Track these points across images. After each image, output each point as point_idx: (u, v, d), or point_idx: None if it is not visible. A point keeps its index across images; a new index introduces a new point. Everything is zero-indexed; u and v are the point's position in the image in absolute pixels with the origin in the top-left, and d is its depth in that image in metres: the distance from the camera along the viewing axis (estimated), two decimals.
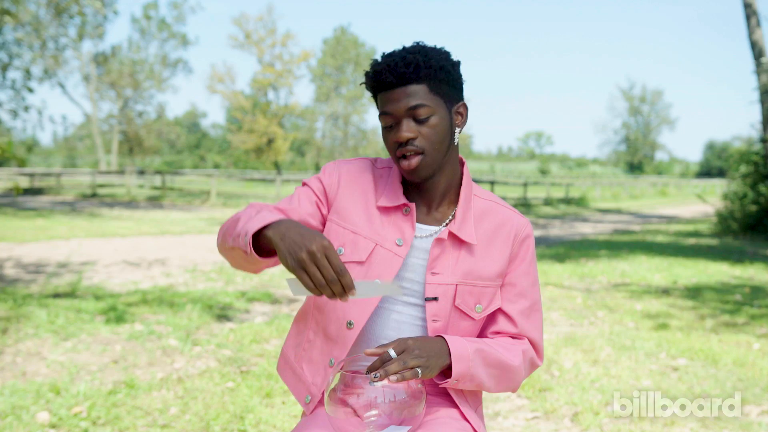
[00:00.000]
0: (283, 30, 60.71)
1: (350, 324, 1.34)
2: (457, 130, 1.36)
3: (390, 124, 1.32)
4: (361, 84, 1.37)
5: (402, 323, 1.35)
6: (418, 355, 1.23)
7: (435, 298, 1.34)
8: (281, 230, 1.16)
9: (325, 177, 1.41)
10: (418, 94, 1.29)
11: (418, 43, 1.34)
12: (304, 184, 1.42)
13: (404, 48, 1.33)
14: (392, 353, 1.22)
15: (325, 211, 1.40)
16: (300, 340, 1.45)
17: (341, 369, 1.26)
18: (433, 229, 1.38)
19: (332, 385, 1.24)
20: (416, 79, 1.28)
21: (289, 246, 1.13)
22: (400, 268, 1.34)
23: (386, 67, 1.29)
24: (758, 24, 12.32)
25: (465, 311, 1.36)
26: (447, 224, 1.38)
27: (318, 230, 1.36)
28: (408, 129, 1.29)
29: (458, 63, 1.35)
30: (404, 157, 1.31)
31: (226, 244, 1.29)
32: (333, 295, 1.11)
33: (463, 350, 1.28)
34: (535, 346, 1.43)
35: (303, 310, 1.47)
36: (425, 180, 1.34)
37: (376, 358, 1.28)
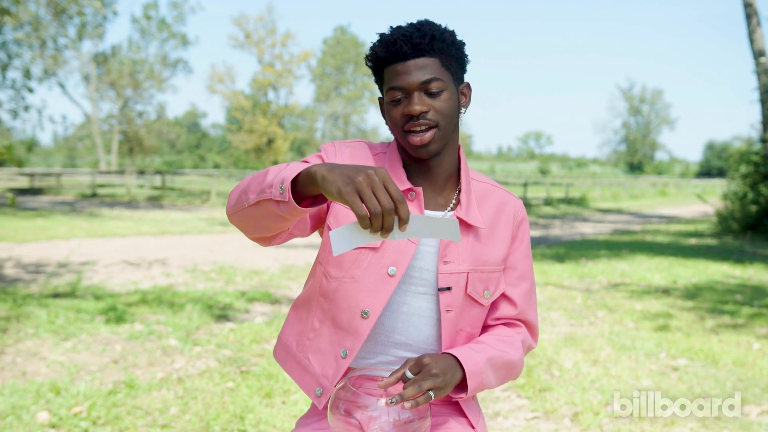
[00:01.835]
0: (283, 30, 60.74)
1: (365, 313, 1.30)
2: (462, 110, 1.36)
3: (399, 98, 1.28)
4: (366, 57, 1.33)
5: (412, 315, 1.33)
6: (434, 375, 1.20)
7: (448, 288, 1.32)
8: (328, 166, 1.06)
9: (328, 158, 1.35)
10: (430, 67, 1.27)
11: (426, 20, 1.32)
12: (304, 161, 1.33)
13: (412, 23, 1.30)
14: (409, 374, 1.21)
15: None
16: (303, 328, 1.40)
17: (349, 382, 1.24)
18: (439, 214, 1.35)
19: (336, 396, 1.22)
20: (430, 52, 1.27)
21: (342, 173, 1.03)
22: (412, 255, 1.31)
23: (401, 37, 1.26)
24: (758, 24, 12.32)
25: (475, 298, 1.35)
26: (452, 209, 1.36)
27: (323, 209, 1.34)
28: (421, 102, 1.26)
29: (464, 43, 1.34)
30: (413, 131, 1.27)
31: (243, 203, 1.20)
32: (382, 229, 1.01)
33: (476, 365, 1.27)
34: (532, 329, 1.44)
35: (305, 296, 1.42)
36: (432, 156, 1.30)
37: (387, 372, 1.27)
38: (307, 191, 1.10)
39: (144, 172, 26.09)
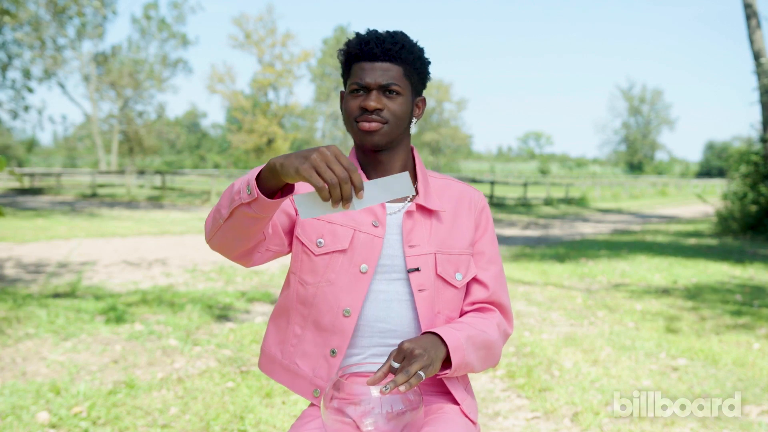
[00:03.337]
0: (283, 30, 60.70)
1: (347, 312, 1.36)
2: (414, 120, 1.44)
3: (359, 92, 1.37)
4: (339, 51, 1.41)
5: (390, 301, 1.38)
6: (418, 355, 1.23)
7: (417, 269, 1.38)
8: (283, 155, 1.16)
9: None
10: (393, 72, 1.37)
11: (401, 31, 1.41)
12: None
13: (388, 31, 1.40)
14: (394, 364, 1.24)
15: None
16: (284, 336, 1.45)
17: (340, 377, 1.25)
18: (399, 205, 1.44)
19: (328, 395, 1.23)
20: (397, 59, 1.37)
21: (297, 156, 1.12)
22: (380, 250, 1.38)
23: (375, 40, 1.36)
24: (758, 25, 12.32)
25: (447, 280, 1.40)
26: (412, 199, 1.44)
27: (294, 222, 1.41)
28: (377, 100, 1.35)
29: (430, 62, 1.45)
30: (364, 122, 1.36)
31: (219, 221, 1.27)
32: (341, 199, 1.09)
33: (457, 341, 1.31)
34: (506, 312, 1.49)
35: (282, 306, 1.47)
36: (377, 149, 1.38)
37: (376, 368, 1.29)
38: (272, 184, 1.18)
39: (144, 172, 26.08)
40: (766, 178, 12.25)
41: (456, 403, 1.42)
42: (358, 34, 1.39)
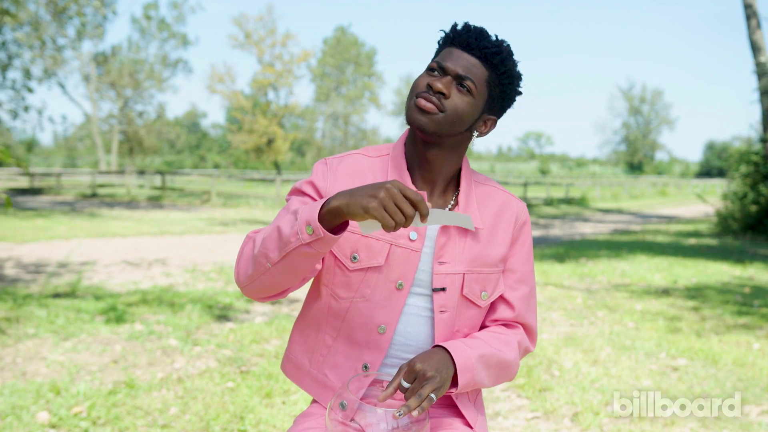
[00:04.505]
0: (283, 30, 60.67)
1: (382, 329, 1.32)
2: (475, 133, 1.35)
3: (434, 71, 1.30)
4: (443, 30, 1.34)
5: (410, 315, 1.33)
6: (431, 377, 1.20)
7: (443, 289, 1.32)
8: (344, 195, 1.14)
9: (319, 179, 1.34)
10: (476, 70, 1.28)
11: (509, 45, 1.34)
12: (297, 191, 1.36)
13: (497, 36, 1.33)
14: (405, 384, 1.21)
15: None
16: (314, 345, 1.40)
17: (350, 385, 1.24)
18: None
19: (334, 403, 1.23)
20: (488, 62, 1.29)
21: (362, 195, 1.12)
22: (417, 266, 1.32)
23: (476, 33, 1.29)
24: (758, 25, 12.33)
25: (472, 300, 1.35)
26: (450, 210, 1.36)
27: None
28: (446, 85, 1.27)
29: (521, 93, 1.37)
30: (424, 99, 1.28)
31: (265, 265, 1.23)
32: (406, 226, 1.12)
33: (467, 361, 1.27)
34: (531, 332, 1.44)
35: (310, 316, 1.42)
36: (421, 131, 1.29)
37: (386, 376, 1.28)
38: (332, 224, 1.16)
39: (144, 172, 26.07)
40: (766, 178, 12.26)
41: (461, 415, 1.39)
42: (466, 22, 1.32)
